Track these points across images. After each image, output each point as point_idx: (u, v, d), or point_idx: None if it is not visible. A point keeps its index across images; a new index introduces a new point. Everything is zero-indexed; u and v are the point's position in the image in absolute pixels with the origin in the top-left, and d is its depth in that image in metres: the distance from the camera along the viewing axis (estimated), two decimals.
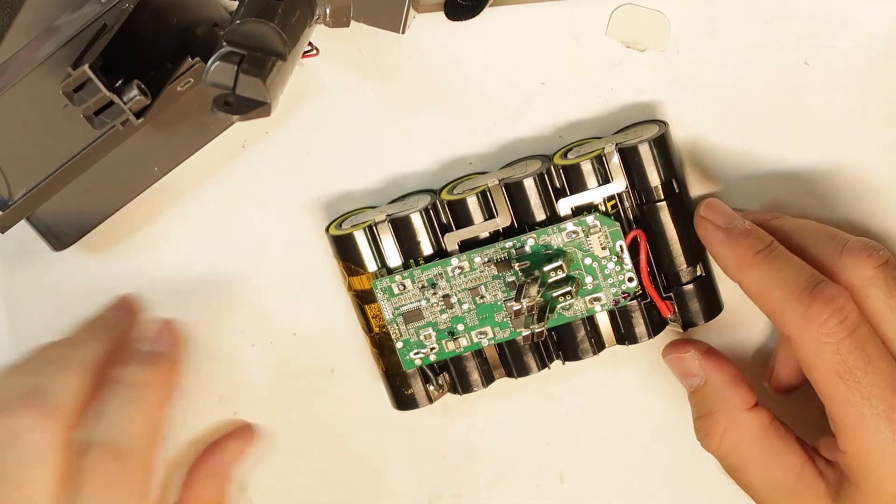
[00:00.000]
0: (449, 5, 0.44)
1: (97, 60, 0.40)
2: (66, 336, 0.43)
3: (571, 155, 0.43)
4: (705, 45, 0.43)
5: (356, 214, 0.45)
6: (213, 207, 0.47)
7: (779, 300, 0.39)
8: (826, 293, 0.38)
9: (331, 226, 0.45)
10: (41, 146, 0.44)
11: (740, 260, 0.40)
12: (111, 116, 0.42)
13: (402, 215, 0.44)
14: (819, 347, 0.38)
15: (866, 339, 0.38)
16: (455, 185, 0.44)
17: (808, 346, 0.38)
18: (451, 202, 0.43)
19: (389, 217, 0.44)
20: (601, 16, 0.44)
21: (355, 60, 0.45)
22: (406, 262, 0.44)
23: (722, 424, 0.41)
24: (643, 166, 0.42)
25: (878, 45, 0.43)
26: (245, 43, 0.39)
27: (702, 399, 0.42)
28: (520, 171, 0.43)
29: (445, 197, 0.44)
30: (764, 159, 0.44)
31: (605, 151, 0.42)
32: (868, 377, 0.38)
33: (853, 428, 0.38)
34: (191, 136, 0.45)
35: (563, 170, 0.43)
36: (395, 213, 0.44)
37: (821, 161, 0.44)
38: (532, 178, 0.42)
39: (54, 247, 0.46)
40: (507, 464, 0.48)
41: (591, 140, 0.44)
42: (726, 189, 0.45)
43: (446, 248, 0.44)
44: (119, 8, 0.42)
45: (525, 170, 0.43)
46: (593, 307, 0.43)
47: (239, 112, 0.38)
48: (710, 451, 0.42)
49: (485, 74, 0.45)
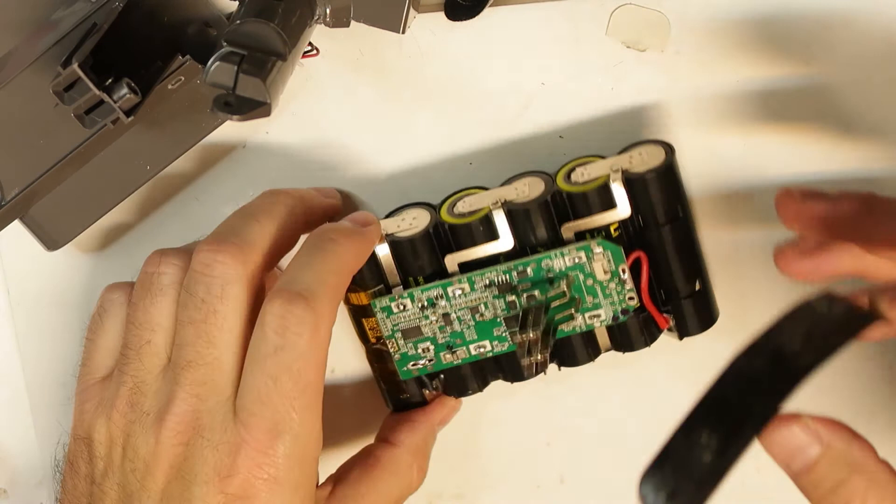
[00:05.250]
0: (449, 5, 0.44)
1: (87, 59, 0.40)
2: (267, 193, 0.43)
3: (575, 176, 0.42)
4: (705, 45, 0.44)
5: None
6: (211, 206, 0.47)
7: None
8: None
9: None
10: (33, 146, 0.43)
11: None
12: (102, 115, 0.42)
13: (403, 237, 0.43)
14: None
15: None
16: (455, 202, 0.43)
17: None
18: (452, 225, 0.43)
19: (389, 238, 0.43)
20: (601, 16, 0.44)
21: (355, 60, 0.45)
22: (405, 281, 0.43)
23: (861, 487, 0.36)
24: (649, 196, 0.41)
25: (879, 46, 0.43)
26: (245, 43, 0.39)
27: (826, 469, 0.36)
28: (522, 190, 0.43)
29: (446, 219, 0.43)
30: (764, 160, 0.45)
31: (612, 180, 0.41)
32: None
33: None
34: (182, 134, 0.45)
35: (567, 195, 0.42)
36: (394, 233, 0.43)
37: (821, 161, 0.44)
38: (536, 204, 0.42)
39: (48, 246, 0.46)
40: (507, 464, 0.48)
41: (595, 159, 0.43)
42: (726, 189, 0.45)
43: (446, 268, 0.43)
44: (109, 6, 0.42)
45: (527, 190, 0.42)
46: (592, 323, 0.43)
47: (239, 112, 0.38)
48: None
49: (485, 74, 0.44)
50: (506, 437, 0.48)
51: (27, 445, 0.49)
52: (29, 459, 0.49)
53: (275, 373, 0.38)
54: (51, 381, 0.49)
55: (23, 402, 0.49)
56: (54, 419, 0.49)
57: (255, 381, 0.38)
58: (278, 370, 0.38)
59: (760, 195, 0.45)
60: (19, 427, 0.49)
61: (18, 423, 0.49)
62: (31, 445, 0.49)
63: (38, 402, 0.49)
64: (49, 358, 0.48)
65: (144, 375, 0.40)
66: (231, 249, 0.40)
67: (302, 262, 0.40)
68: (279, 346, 0.38)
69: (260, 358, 0.38)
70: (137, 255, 0.47)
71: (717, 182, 0.45)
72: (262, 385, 0.38)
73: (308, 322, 0.38)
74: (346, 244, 0.41)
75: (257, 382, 0.38)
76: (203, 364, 0.39)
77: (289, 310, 0.38)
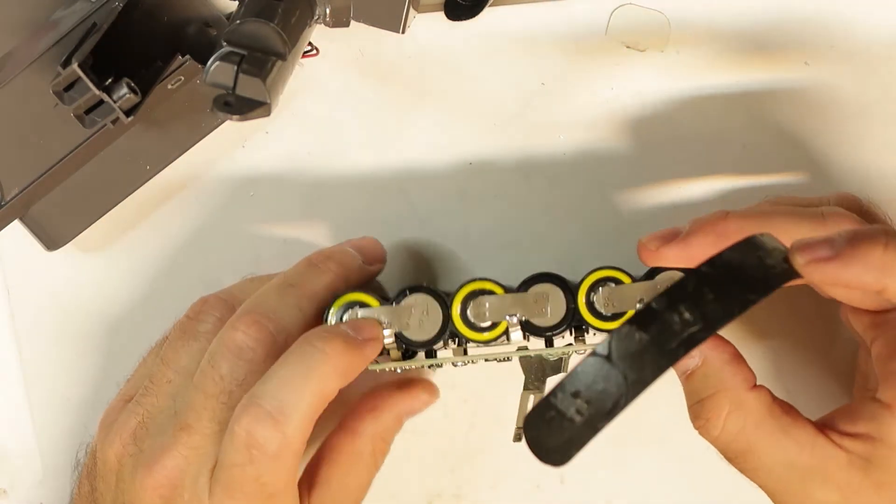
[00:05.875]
0: (449, 5, 0.44)
1: (87, 59, 0.40)
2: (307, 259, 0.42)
3: (600, 301, 0.41)
4: (705, 45, 0.44)
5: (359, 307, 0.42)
6: (210, 206, 0.47)
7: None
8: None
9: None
10: (33, 146, 0.44)
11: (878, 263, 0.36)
12: (101, 115, 0.42)
13: (415, 341, 0.41)
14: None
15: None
16: (467, 302, 0.41)
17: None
18: (468, 338, 0.41)
19: (398, 336, 0.41)
20: (601, 16, 0.44)
21: (355, 60, 0.45)
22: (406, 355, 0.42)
23: (724, 406, 0.39)
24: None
25: (879, 45, 0.43)
26: (245, 43, 0.39)
27: (699, 381, 0.39)
28: (541, 305, 0.41)
29: (462, 329, 0.41)
30: (764, 160, 0.45)
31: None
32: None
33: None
34: (182, 134, 0.45)
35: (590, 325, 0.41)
36: (403, 332, 0.41)
37: (822, 161, 0.45)
38: (557, 329, 0.41)
39: (48, 246, 0.46)
40: (507, 464, 0.48)
41: (620, 275, 0.41)
42: (726, 190, 0.45)
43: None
44: (109, 6, 0.42)
45: (548, 308, 0.41)
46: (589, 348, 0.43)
47: (239, 112, 0.38)
48: (711, 439, 0.40)
49: (485, 74, 0.45)
50: (506, 437, 0.48)
51: (27, 445, 0.49)
52: (29, 459, 0.49)
53: (240, 481, 0.38)
54: (51, 382, 0.49)
55: (23, 402, 0.49)
56: (54, 419, 0.49)
57: (224, 477, 0.39)
58: (243, 480, 0.38)
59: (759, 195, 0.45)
60: (19, 427, 0.49)
61: (18, 423, 0.49)
62: (31, 445, 0.49)
63: (38, 402, 0.49)
64: (49, 358, 0.48)
65: (155, 413, 0.41)
66: (266, 339, 0.40)
67: (282, 373, 0.38)
68: (244, 460, 0.38)
69: (227, 465, 0.38)
70: (137, 254, 0.47)
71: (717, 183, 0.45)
72: (230, 483, 0.38)
73: (273, 444, 0.38)
74: (336, 361, 0.39)
75: (227, 480, 0.39)
76: (199, 434, 0.40)
77: (255, 429, 0.38)
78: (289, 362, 0.39)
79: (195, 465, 0.39)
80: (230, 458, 0.38)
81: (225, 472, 0.39)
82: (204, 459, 0.39)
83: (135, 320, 0.47)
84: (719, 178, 0.45)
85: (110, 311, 0.48)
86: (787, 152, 0.45)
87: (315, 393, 0.38)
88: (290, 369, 0.38)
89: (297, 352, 0.39)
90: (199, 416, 0.39)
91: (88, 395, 0.48)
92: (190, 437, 0.39)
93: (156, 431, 0.40)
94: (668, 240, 0.39)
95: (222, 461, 0.39)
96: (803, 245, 0.35)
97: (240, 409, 0.38)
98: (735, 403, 0.39)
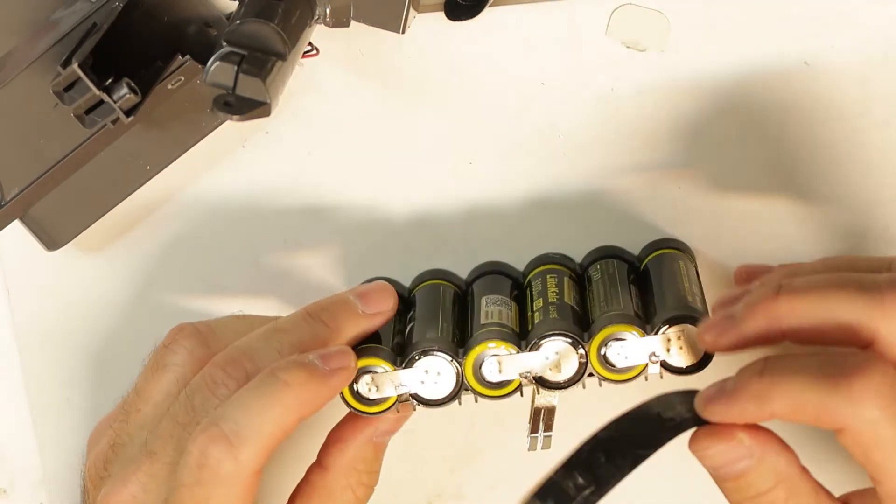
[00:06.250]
0: (449, 5, 0.44)
1: (87, 59, 0.40)
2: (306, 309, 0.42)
3: (611, 355, 0.42)
4: (705, 45, 0.44)
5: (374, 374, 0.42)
6: (210, 206, 0.47)
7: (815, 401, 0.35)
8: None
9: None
10: (33, 146, 0.44)
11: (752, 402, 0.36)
12: (102, 115, 0.42)
13: (432, 400, 0.42)
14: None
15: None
16: (482, 359, 0.42)
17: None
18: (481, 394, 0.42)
19: (414, 397, 0.42)
20: (601, 16, 0.44)
21: (355, 60, 0.45)
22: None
23: (783, 497, 0.37)
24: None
25: (879, 45, 0.43)
26: (245, 43, 0.39)
27: (756, 479, 0.38)
28: (552, 361, 0.42)
29: (475, 386, 0.42)
30: (764, 160, 0.45)
31: (649, 371, 0.42)
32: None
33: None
34: (182, 134, 0.45)
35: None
36: (419, 393, 0.42)
37: (822, 161, 0.45)
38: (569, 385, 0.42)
39: (48, 246, 0.46)
40: (507, 464, 0.48)
41: (630, 329, 0.41)
42: (726, 190, 0.45)
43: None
44: (109, 6, 0.42)
45: (559, 367, 0.42)
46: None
47: (239, 112, 0.38)
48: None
49: (485, 74, 0.45)
50: (506, 437, 0.48)
51: (27, 445, 0.49)
52: (29, 459, 0.49)
53: (187, 503, 0.38)
54: (50, 382, 0.49)
55: (23, 402, 0.49)
56: (54, 419, 0.49)
57: (174, 499, 0.38)
58: (194, 502, 0.38)
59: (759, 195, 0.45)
60: (19, 427, 0.49)
61: (18, 423, 0.49)
62: (31, 445, 0.49)
63: (37, 402, 0.49)
64: (49, 358, 0.48)
65: (126, 440, 0.41)
66: (240, 376, 0.39)
67: (244, 398, 0.38)
68: (193, 481, 0.38)
69: (178, 485, 0.38)
70: (137, 254, 0.47)
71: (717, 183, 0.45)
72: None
73: (225, 467, 0.37)
74: (300, 393, 0.39)
75: (176, 502, 0.38)
76: (161, 462, 0.39)
77: (209, 450, 0.37)
78: (251, 388, 0.39)
79: (153, 494, 0.39)
80: (181, 479, 0.38)
81: (175, 493, 0.38)
82: (162, 488, 0.39)
83: (135, 321, 0.47)
84: (719, 178, 0.45)
85: (110, 311, 0.48)
86: (787, 152, 0.45)
87: (275, 422, 0.38)
88: (251, 395, 0.38)
89: (260, 380, 0.39)
90: (165, 444, 0.39)
91: (88, 394, 0.48)
92: (152, 464, 0.39)
93: (124, 458, 0.41)
94: (722, 331, 0.39)
95: (174, 483, 0.38)
96: (701, 395, 0.37)
97: (198, 430, 0.38)
98: (792, 492, 0.38)
